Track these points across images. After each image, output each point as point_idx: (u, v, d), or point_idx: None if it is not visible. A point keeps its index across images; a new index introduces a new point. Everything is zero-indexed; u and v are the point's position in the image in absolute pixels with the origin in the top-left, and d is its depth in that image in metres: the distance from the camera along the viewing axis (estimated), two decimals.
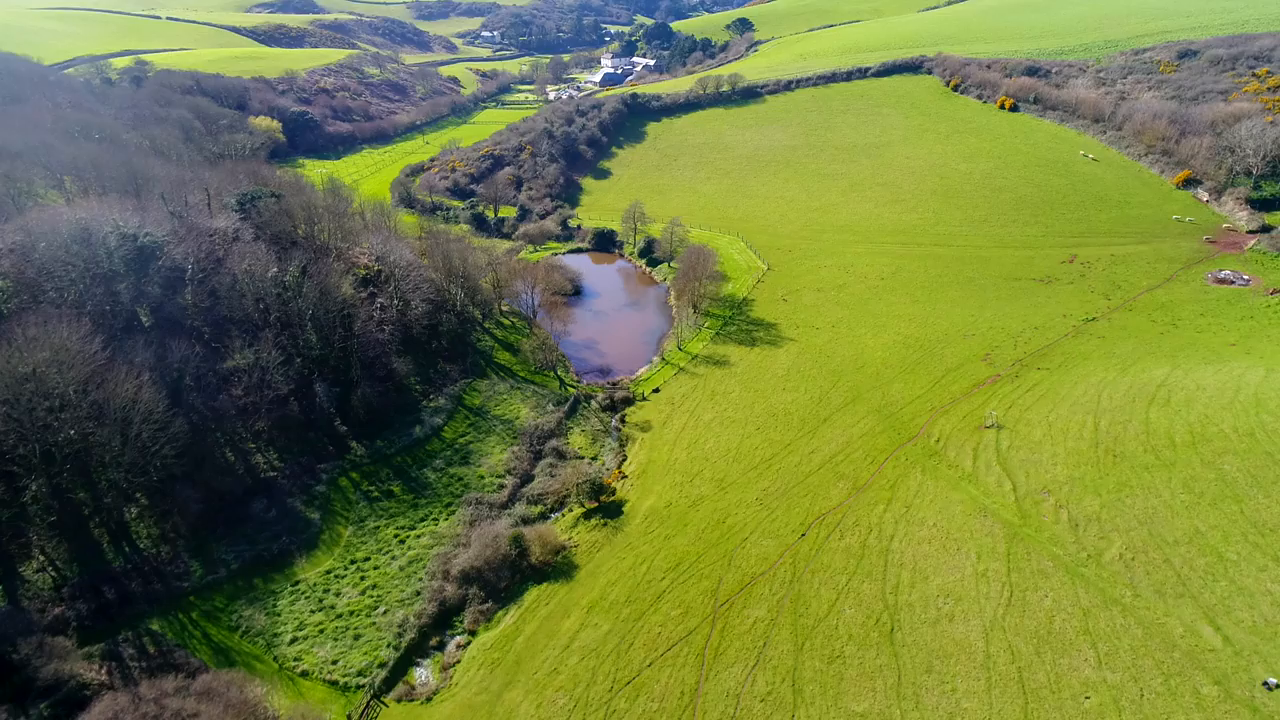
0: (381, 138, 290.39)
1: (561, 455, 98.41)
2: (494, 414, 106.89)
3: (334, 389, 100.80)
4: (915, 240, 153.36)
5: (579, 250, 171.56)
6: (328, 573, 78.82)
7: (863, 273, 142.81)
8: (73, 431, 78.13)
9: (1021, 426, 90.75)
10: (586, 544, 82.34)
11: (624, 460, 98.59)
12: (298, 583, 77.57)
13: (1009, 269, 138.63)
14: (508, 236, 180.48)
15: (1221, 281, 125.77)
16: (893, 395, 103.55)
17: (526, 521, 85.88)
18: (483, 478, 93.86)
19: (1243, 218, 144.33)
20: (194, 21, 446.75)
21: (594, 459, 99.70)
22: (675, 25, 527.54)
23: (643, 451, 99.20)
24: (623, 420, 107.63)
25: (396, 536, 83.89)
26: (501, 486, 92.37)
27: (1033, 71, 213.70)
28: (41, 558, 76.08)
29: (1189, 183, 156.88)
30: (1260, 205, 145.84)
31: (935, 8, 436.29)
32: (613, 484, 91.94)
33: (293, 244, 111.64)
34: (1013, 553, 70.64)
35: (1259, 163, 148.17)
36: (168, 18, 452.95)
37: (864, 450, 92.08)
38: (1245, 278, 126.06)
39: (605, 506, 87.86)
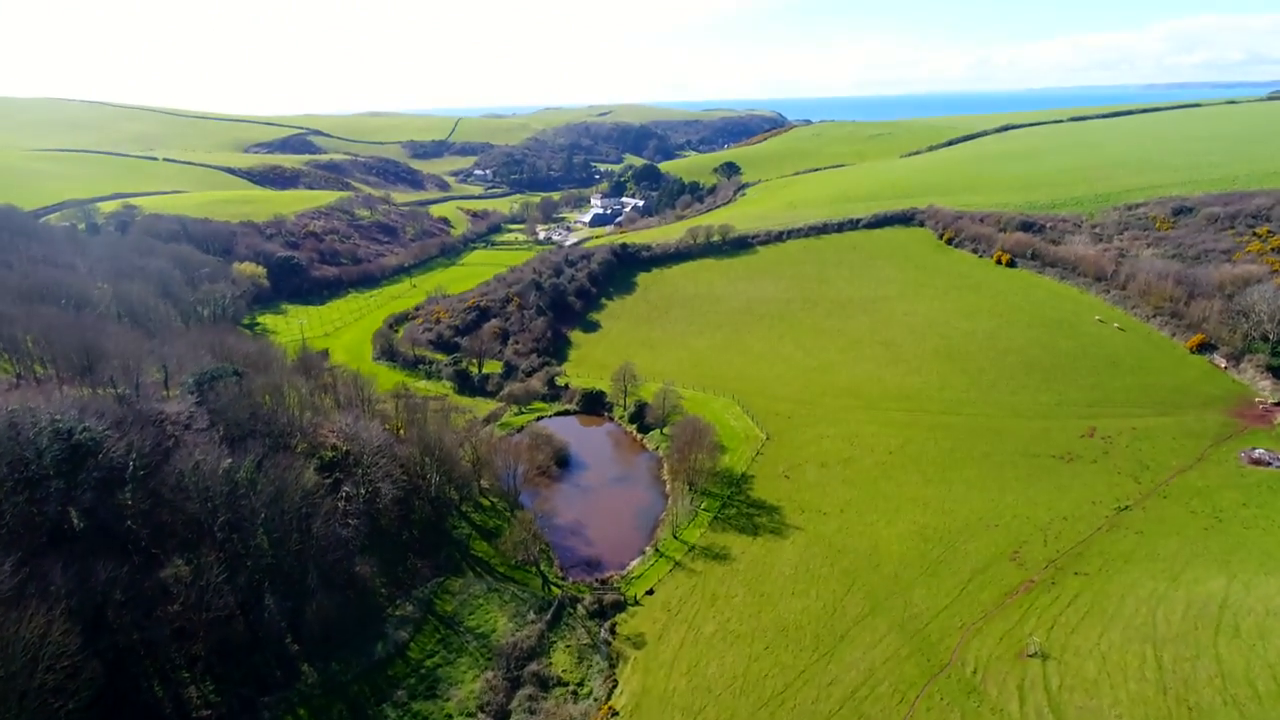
0: (368, 281, 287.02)
1: (543, 683, 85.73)
2: (467, 625, 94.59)
3: (286, 602, 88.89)
4: (922, 407, 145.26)
5: (566, 412, 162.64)
6: None
7: (869, 445, 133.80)
8: None
9: (1069, 656, 79.41)
10: None
11: (614, 687, 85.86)
12: None
13: (1025, 443, 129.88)
14: (492, 395, 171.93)
15: (1256, 462, 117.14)
16: (915, 605, 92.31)
17: None
18: (450, 716, 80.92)
19: (1266, 388, 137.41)
20: (189, 163, 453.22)
21: (580, 684, 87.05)
22: (663, 166, 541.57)
23: (636, 676, 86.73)
24: (613, 631, 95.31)
25: None
26: None
27: (1028, 226, 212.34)
28: None
29: (1203, 347, 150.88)
30: None
31: (918, 153, 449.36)
32: None
33: (251, 432, 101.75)
34: None
35: (1274, 328, 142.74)
36: (164, 159, 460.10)
37: (890, 682, 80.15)
38: None
39: None
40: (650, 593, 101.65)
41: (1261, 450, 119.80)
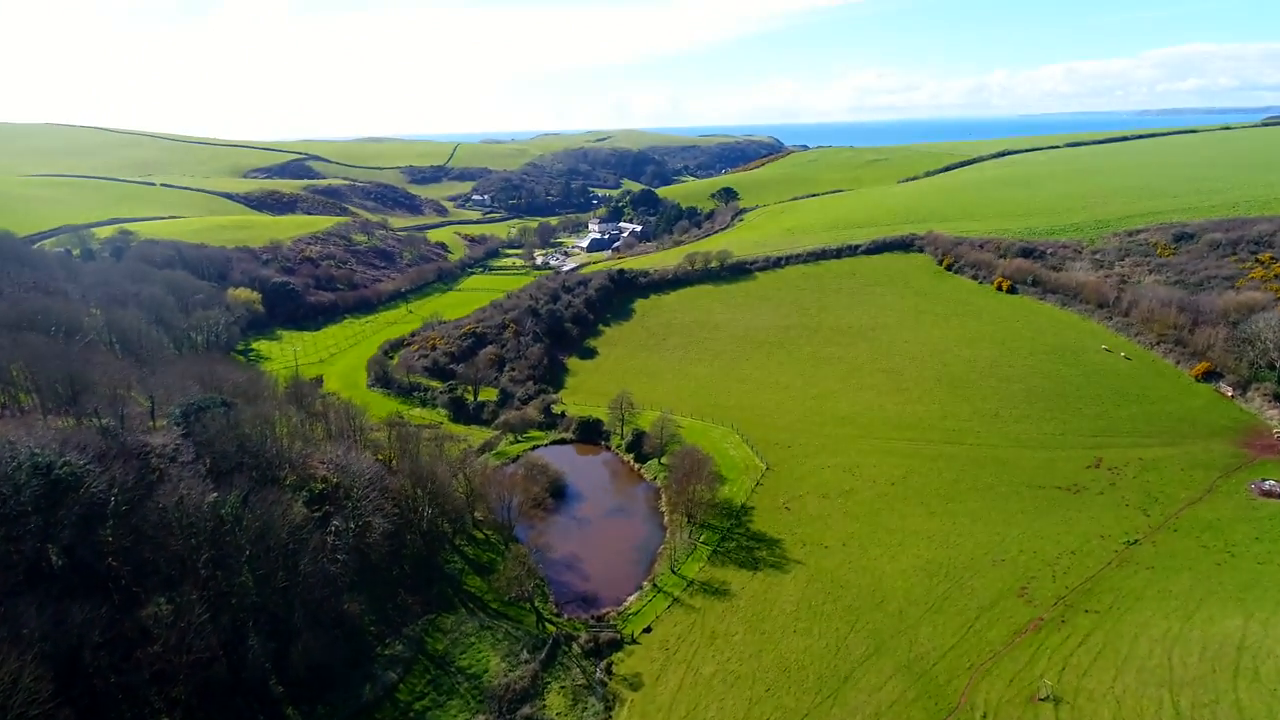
0: (364, 306, 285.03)
1: None
2: (458, 665, 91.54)
3: (270, 642, 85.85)
4: (924, 437, 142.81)
5: (562, 441, 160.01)
6: None
7: (870, 476, 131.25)
8: None
9: (1083, 700, 76.52)
10: None
11: None
12: None
13: (1030, 474, 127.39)
14: (487, 423, 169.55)
15: (1268, 494, 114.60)
16: (921, 644, 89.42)
17: None
18: None
19: (1274, 417, 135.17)
20: (187, 188, 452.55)
21: None
22: (661, 191, 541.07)
23: None
24: (609, 671, 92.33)
25: None
26: None
27: (1028, 253, 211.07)
28: None
29: (1209, 375, 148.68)
30: None
31: (914, 178, 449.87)
32: None
33: (238, 465, 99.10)
34: None
35: None
36: (162, 184, 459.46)
37: None
38: None
39: None
40: (648, 630, 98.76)
41: (1272, 482, 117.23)
